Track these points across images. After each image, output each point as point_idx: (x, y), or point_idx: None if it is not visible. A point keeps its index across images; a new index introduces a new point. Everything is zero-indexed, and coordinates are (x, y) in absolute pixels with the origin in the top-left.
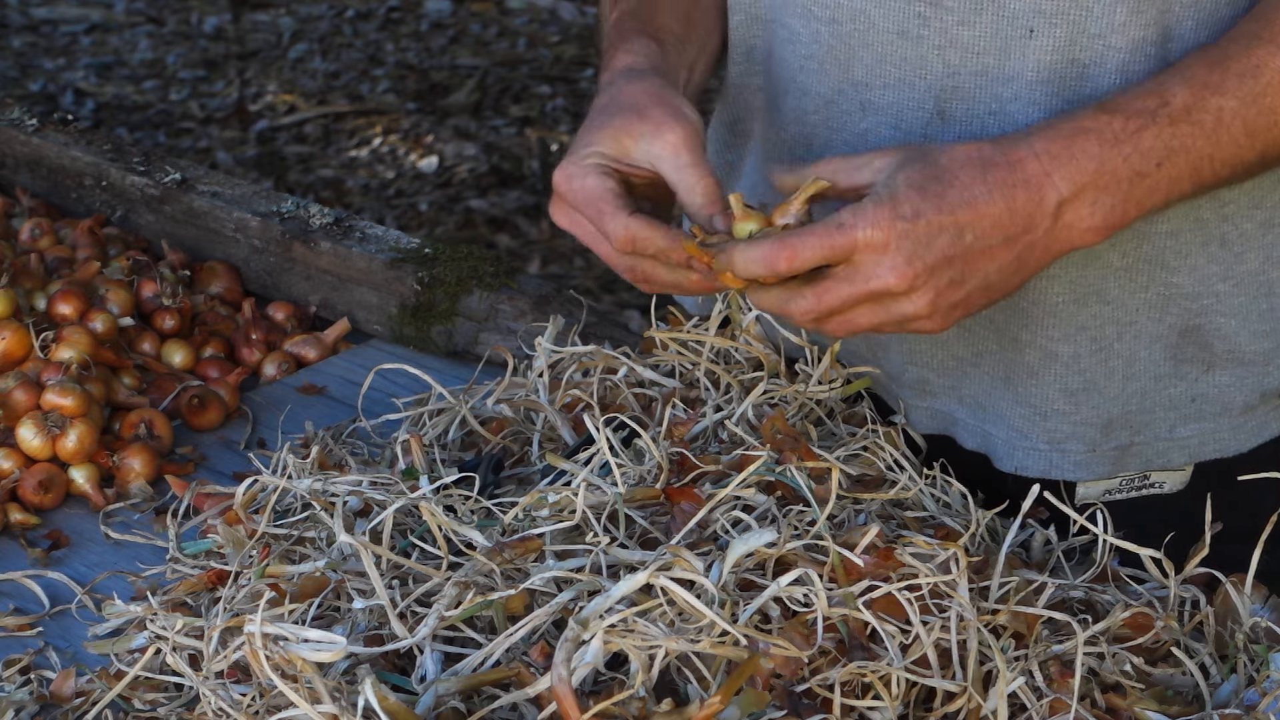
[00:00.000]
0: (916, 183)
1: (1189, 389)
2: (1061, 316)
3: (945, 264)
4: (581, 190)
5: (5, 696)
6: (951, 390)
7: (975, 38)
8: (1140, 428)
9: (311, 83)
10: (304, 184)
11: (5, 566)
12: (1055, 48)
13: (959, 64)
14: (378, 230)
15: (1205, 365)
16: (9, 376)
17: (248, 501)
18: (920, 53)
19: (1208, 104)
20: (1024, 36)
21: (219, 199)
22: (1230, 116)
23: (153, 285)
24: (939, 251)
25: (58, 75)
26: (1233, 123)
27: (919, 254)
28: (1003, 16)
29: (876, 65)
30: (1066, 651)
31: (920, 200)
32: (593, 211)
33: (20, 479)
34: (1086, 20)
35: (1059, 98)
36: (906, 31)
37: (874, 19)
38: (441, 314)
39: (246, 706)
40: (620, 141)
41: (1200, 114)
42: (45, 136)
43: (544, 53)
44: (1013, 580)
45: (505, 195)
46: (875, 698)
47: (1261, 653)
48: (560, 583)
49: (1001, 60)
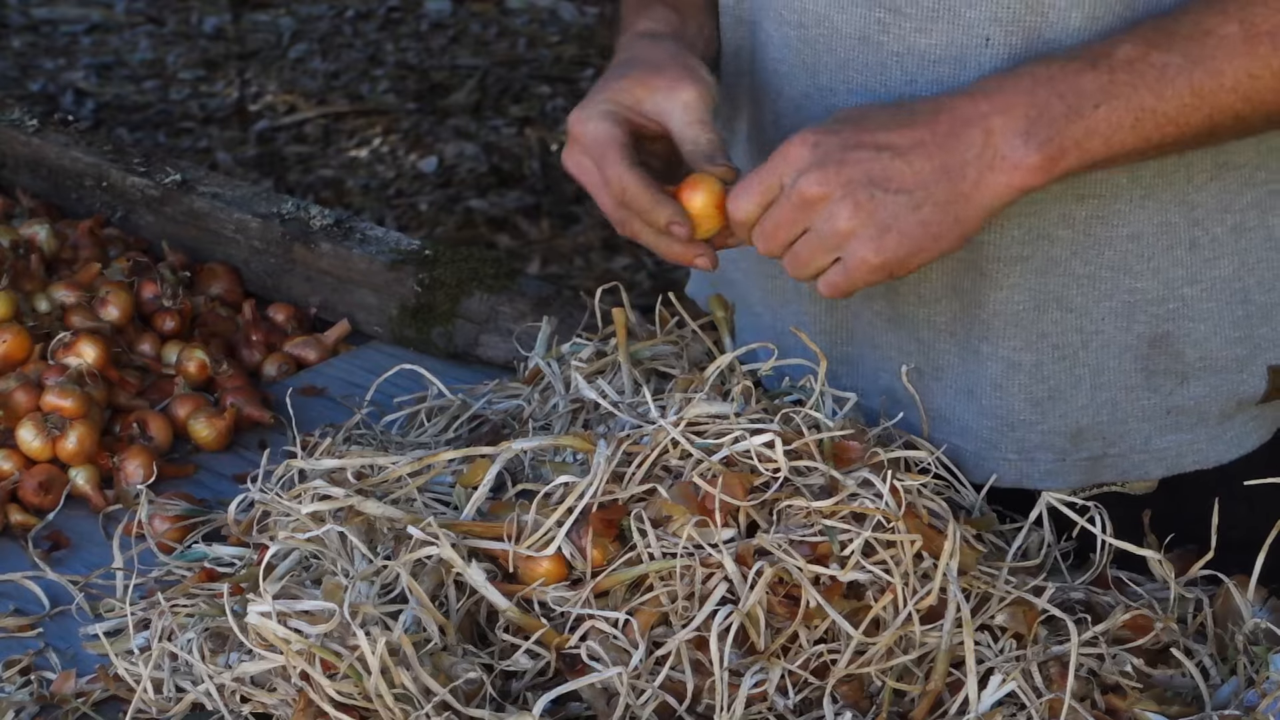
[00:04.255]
0: (839, 116)
1: (1163, 401)
2: (1023, 325)
3: (863, 175)
4: (592, 134)
5: (5, 697)
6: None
7: (932, 45)
8: (1114, 439)
9: (311, 83)
10: (304, 184)
11: (5, 567)
12: (1011, 56)
13: (916, 72)
14: (378, 232)
15: (1179, 377)
16: (10, 378)
17: (246, 528)
18: (880, 59)
19: (1151, 58)
20: (980, 46)
21: (219, 200)
22: (1175, 72)
23: (153, 286)
24: (854, 162)
25: (58, 75)
26: (1177, 78)
27: (833, 159)
28: (959, 25)
29: (839, 70)
30: (1065, 652)
31: (839, 124)
32: (597, 155)
33: (20, 480)
34: (1043, 27)
35: None
36: (867, 38)
37: (837, 24)
38: (442, 315)
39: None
40: (634, 92)
41: (1143, 65)
42: (46, 137)
43: (544, 53)
44: (1013, 581)
45: (505, 195)
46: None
47: (1261, 654)
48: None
49: (958, 70)
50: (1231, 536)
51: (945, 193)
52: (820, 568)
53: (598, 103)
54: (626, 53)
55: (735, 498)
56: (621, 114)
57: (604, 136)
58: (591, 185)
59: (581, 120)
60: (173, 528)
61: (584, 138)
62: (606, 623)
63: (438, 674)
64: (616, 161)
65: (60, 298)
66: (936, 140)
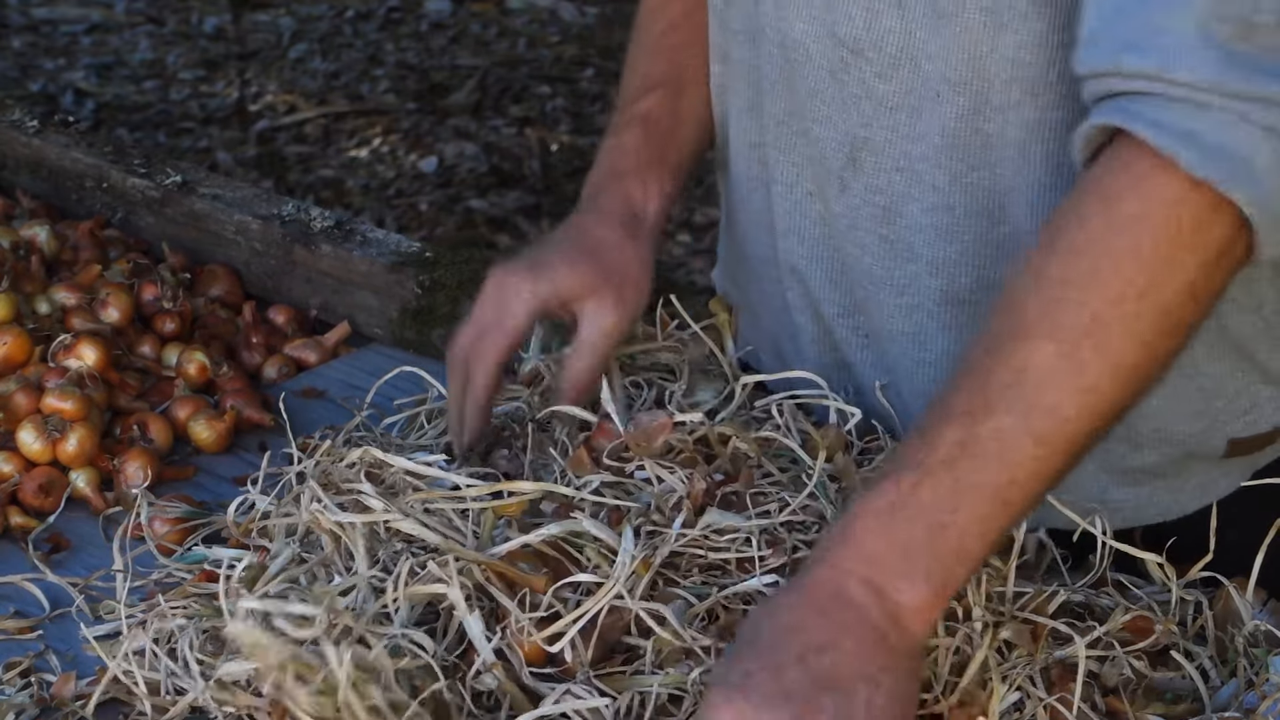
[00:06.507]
0: (736, 665)
1: (1117, 463)
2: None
3: (774, 678)
4: (502, 306)
5: (5, 699)
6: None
7: (890, 92)
8: (1069, 488)
9: (311, 83)
10: (304, 184)
11: (6, 569)
12: (959, 115)
13: (872, 116)
14: (378, 233)
15: (1133, 444)
16: (10, 380)
17: (246, 530)
18: (843, 96)
19: (980, 432)
20: (933, 99)
21: (220, 201)
22: (1011, 434)
23: (153, 288)
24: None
25: (58, 75)
26: (1020, 440)
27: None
28: (917, 75)
29: (809, 99)
30: (1069, 656)
31: (728, 664)
32: (482, 332)
33: (21, 482)
34: (990, 92)
35: (963, 163)
36: (834, 73)
37: (811, 53)
38: (442, 317)
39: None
40: (568, 284)
41: (975, 446)
42: (46, 138)
43: (544, 53)
44: (1028, 590)
45: (505, 195)
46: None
47: (1261, 656)
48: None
49: (913, 119)
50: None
51: (877, 668)
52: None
53: (529, 278)
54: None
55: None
56: (537, 304)
57: (511, 312)
58: (464, 340)
59: (509, 285)
60: (173, 530)
61: (484, 310)
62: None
63: (416, 691)
64: (486, 368)
65: (60, 299)
66: (830, 629)
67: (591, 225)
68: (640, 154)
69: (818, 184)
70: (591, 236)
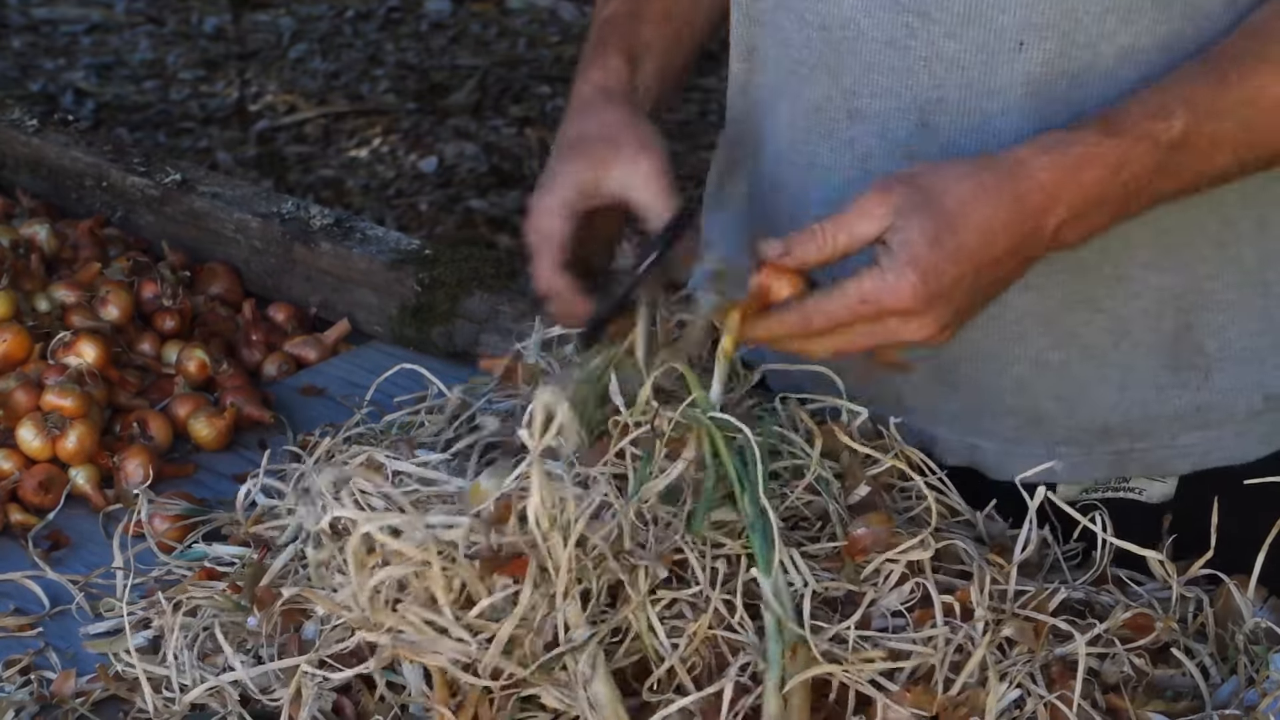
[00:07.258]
0: (930, 236)
1: (1192, 398)
2: (1052, 325)
3: (965, 305)
4: (539, 228)
5: (5, 697)
6: (930, 411)
7: (961, 51)
8: (1141, 435)
9: (311, 83)
10: (304, 184)
11: (6, 567)
12: (1045, 60)
13: (944, 76)
14: (378, 231)
15: (1203, 371)
16: (10, 377)
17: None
18: (907, 63)
19: (1204, 129)
20: (1012, 50)
21: (219, 200)
22: (1224, 140)
23: (153, 286)
24: (958, 300)
25: (58, 75)
26: (1224, 145)
27: (944, 309)
28: (990, 30)
29: (864, 74)
30: (1069, 653)
31: (938, 257)
32: (537, 246)
33: (20, 480)
34: (1076, 31)
35: (1047, 108)
36: (894, 41)
37: (863, 28)
38: (442, 315)
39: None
40: (593, 174)
41: (1196, 138)
42: (46, 137)
43: (544, 53)
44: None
45: (505, 195)
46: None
47: (1261, 654)
48: None
49: (987, 74)
50: (1247, 535)
51: (1007, 283)
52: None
53: (557, 189)
54: (578, 123)
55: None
56: (576, 204)
57: (546, 231)
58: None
59: (536, 213)
60: (172, 527)
61: (532, 227)
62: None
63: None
64: (548, 264)
65: (60, 297)
66: (1017, 250)
67: (570, 124)
68: (596, 49)
69: (866, 164)
70: (574, 128)
